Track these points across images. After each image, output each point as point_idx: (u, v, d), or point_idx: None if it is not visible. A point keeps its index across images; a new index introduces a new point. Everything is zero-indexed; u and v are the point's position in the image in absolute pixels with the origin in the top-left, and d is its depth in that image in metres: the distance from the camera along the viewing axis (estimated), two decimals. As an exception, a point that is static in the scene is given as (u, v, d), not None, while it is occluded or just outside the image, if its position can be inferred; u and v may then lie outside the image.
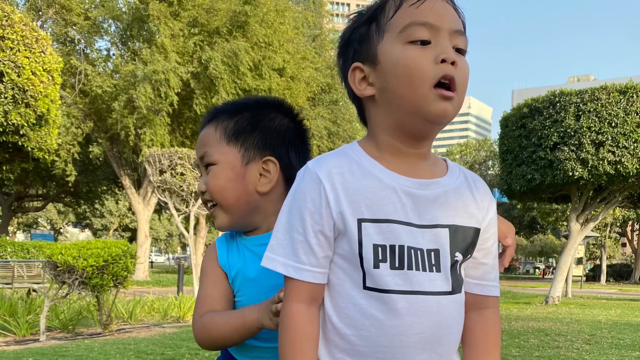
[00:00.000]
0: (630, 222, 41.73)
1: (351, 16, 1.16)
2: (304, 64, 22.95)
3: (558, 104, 14.51)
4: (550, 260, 61.33)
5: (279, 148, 1.36)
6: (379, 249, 1.01)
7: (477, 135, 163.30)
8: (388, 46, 1.05)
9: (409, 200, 1.04)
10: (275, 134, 1.37)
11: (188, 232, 11.74)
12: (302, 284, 1.04)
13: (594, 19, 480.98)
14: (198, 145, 1.40)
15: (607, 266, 42.23)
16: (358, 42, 1.11)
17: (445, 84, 1.01)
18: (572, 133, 14.12)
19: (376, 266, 1.01)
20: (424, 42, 1.02)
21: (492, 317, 1.14)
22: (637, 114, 13.78)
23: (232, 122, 1.37)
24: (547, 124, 14.61)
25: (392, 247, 1.02)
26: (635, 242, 43.36)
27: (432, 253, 1.05)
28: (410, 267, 1.02)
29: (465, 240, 1.08)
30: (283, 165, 1.36)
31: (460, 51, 1.06)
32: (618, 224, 40.21)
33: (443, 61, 1.01)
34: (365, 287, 1.03)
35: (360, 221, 1.02)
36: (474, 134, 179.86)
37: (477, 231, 1.09)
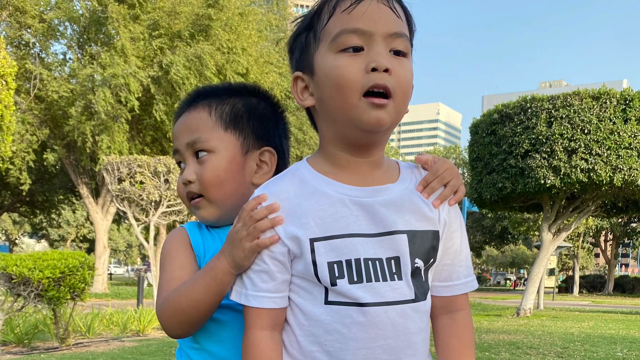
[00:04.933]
0: (603, 232, 40.80)
1: (295, 21, 1.11)
2: (268, 69, 22.87)
3: (529, 110, 14.10)
4: (521, 271, 60.43)
5: (273, 137, 1.31)
6: (335, 265, 1.00)
7: (446, 142, 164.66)
8: (321, 56, 1.02)
9: (361, 210, 1.02)
10: (270, 123, 1.31)
11: (148, 242, 11.47)
12: (263, 310, 1.03)
13: (566, 25, 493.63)
14: (183, 129, 1.28)
15: (580, 277, 41.12)
16: (299, 51, 1.09)
17: (380, 92, 0.98)
18: (544, 140, 13.74)
19: (334, 283, 1.00)
20: (356, 49, 0.99)
21: (464, 320, 1.13)
22: (611, 120, 13.40)
23: (227, 106, 1.27)
24: (518, 130, 14.20)
25: (348, 262, 1.00)
26: (608, 253, 42.42)
27: (393, 261, 1.03)
28: (369, 279, 1.01)
29: (424, 245, 1.05)
30: (278, 155, 1.30)
31: (401, 53, 1.02)
32: (591, 234, 39.26)
33: (374, 70, 0.97)
34: (326, 303, 1.02)
35: (312, 241, 1.00)
36: (443, 140, 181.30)
37: (435, 234, 1.07)
